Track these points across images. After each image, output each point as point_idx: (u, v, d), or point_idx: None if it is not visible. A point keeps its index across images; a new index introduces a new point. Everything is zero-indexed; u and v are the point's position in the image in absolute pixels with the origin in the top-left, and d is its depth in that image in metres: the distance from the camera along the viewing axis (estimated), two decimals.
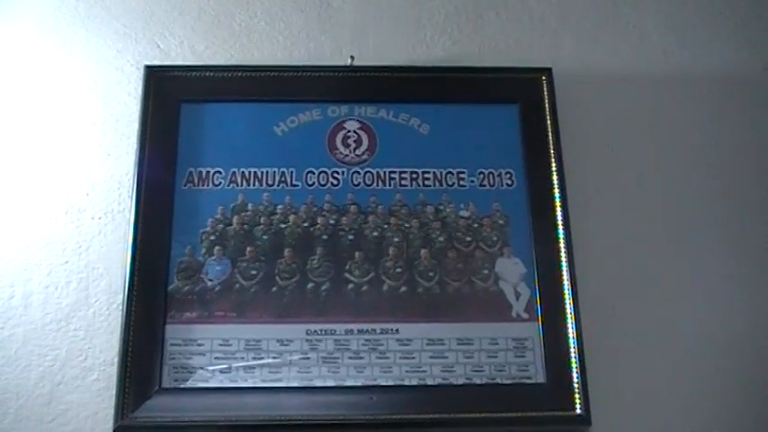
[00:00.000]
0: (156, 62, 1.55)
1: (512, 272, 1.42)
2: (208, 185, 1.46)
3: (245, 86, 1.52)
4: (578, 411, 1.33)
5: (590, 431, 1.34)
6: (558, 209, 1.45)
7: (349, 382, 1.34)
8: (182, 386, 1.33)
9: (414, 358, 1.36)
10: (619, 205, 1.50)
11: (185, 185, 1.45)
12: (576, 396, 1.34)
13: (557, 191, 1.46)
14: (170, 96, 1.49)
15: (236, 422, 1.30)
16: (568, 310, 1.38)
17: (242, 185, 1.46)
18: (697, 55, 1.64)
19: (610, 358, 1.39)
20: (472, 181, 1.48)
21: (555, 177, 1.47)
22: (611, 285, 1.44)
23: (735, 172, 1.55)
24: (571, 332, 1.37)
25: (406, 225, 1.45)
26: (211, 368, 1.34)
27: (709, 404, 1.39)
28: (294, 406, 1.32)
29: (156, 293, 1.37)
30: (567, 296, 1.39)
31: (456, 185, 1.48)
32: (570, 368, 1.35)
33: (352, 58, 1.57)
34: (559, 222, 1.44)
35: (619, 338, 1.41)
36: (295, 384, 1.34)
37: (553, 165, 1.48)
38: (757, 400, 1.40)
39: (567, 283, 1.40)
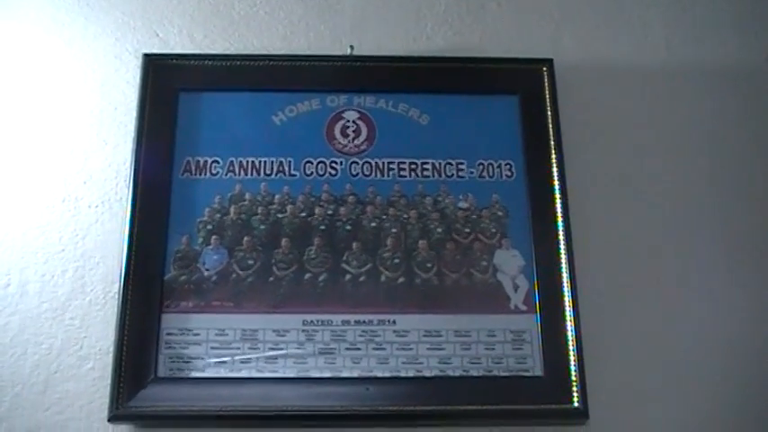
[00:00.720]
0: (155, 51, 1.54)
1: (510, 264, 1.41)
2: (205, 175, 1.45)
3: (243, 76, 1.52)
4: (576, 405, 1.32)
5: (587, 425, 1.33)
6: (558, 201, 1.44)
7: (345, 374, 1.34)
8: (177, 376, 1.33)
9: (411, 350, 1.35)
10: (619, 198, 1.49)
11: (183, 174, 1.44)
12: (574, 389, 1.33)
13: (556, 183, 1.45)
14: (168, 85, 1.49)
15: (232, 412, 1.30)
16: (567, 303, 1.38)
17: (240, 175, 1.45)
18: (699, 46, 1.62)
19: (608, 352, 1.38)
20: (471, 172, 1.47)
21: (555, 169, 1.46)
22: (610, 278, 1.43)
23: (737, 164, 1.54)
24: (569, 325, 1.36)
25: (405, 216, 1.44)
26: (207, 358, 1.33)
27: (707, 399, 1.38)
28: (290, 397, 1.31)
29: (152, 283, 1.37)
30: (565, 288, 1.39)
31: (455, 176, 1.47)
32: (568, 361, 1.34)
33: (351, 47, 1.56)
34: (559, 214, 1.43)
35: (617, 332, 1.40)
36: (291, 375, 1.33)
37: (553, 156, 1.47)
38: (755, 397, 1.39)
39: (565, 275, 1.39)
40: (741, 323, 1.43)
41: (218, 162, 1.46)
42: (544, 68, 1.53)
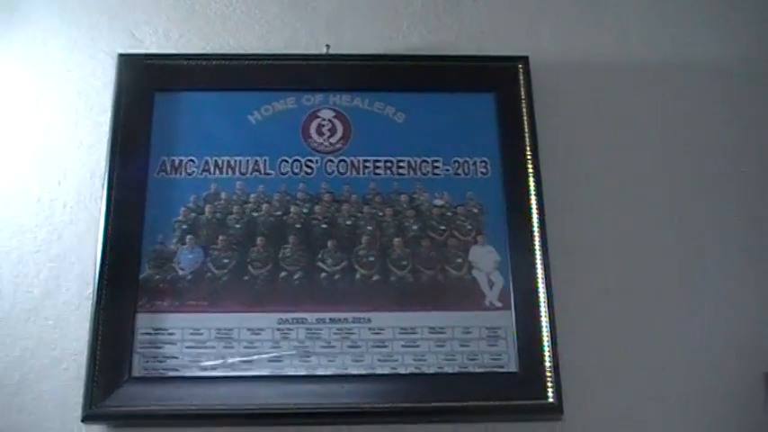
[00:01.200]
0: (131, 50, 1.53)
1: (485, 260, 1.42)
2: (181, 174, 1.45)
3: (219, 75, 1.52)
4: (550, 400, 1.32)
5: (562, 420, 1.33)
6: (533, 198, 1.44)
7: (320, 372, 1.34)
8: (152, 375, 1.32)
9: (386, 347, 1.36)
10: (594, 194, 1.50)
11: (158, 174, 1.44)
12: (549, 385, 1.33)
13: (532, 180, 1.45)
14: (144, 85, 1.49)
15: (207, 411, 1.30)
16: (542, 299, 1.38)
17: (215, 174, 1.45)
18: (676, 44, 1.63)
19: (583, 347, 1.38)
20: (447, 170, 1.47)
21: (530, 166, 1.46)
22: (585, 275, 1.44)
23: (712, 161, 1.54)
24: (544, 321, 1.36)
25: (380, 214, 1.44)
26: (182, 358, 1.33)
27: (681, 395, 1.38)
28: (265, 395, 1.31)
29: (127, 282, 1.37)
30: (540, 285, 1.39)
31: (431, 174, 1.47)
32: (543, 357, 1.35)
33: (327, 46, 1.56)
34: (534, 211, 1.43)
35: (592, 327, 1.40)
36: (266, 373, 1.33)
37: (528, 154, 1.47)
38: (728, 393, 1.39)
39: (540, 271, 1.39)
40: (717, 320, 1.43)
41: (193, 161, 1.46)
42: (520, 66, 1.53)
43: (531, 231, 1.42)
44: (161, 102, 1.48)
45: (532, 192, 1.45)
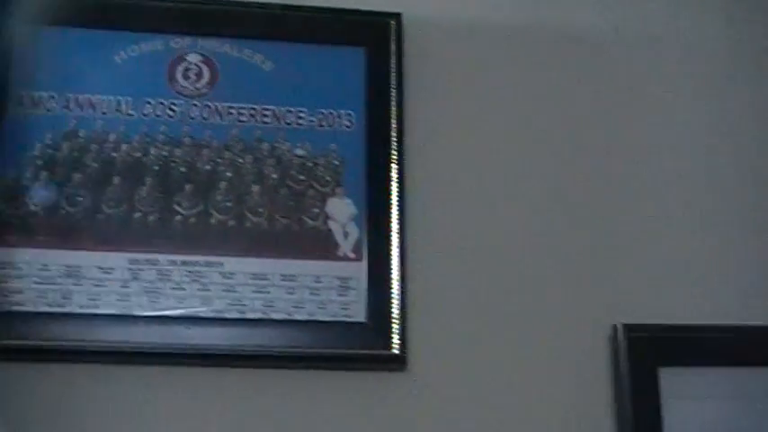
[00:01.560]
0: None
1: (342, 212, 1.44)
2: (40, 110, 1.42)
3: (86, 12, 1.48)
4: (395, 351, 1.36)
5: (406, 371, 1.37)
6: (393, 154, 1.46)
7: (168, 313, 1.34)
8: None
9: (236, 292, 1.37)
10: (456, 155, 1.52)
11: (15, 109, 1.41)
12: (394, 336, 1.36)
13: (394, 136, 1.47)
14: (3, 17, 1.45)
15: (50, 347, 1.30)
16: (394, 253, 1.41)
17: (75, 111, 1.43)
18: (551, 12, 1.65)
19: (433, 303, 1.42)
20: (311, 121, 1.48)
21: (394, 123, 1.48)
22: (440, 232, 1.46)
23: (582, 131, 1.58)
24: (395, 274, 1.39)
25: (240, 160, 1.44)
26: (29, 293, 1.32)
27: (527, 350, 1.43)
28: (110, 333, 1.31)
29: None
30: (394, 239, 1.41)
31: (294, 124, 1.48)
32: (391, 309, 1.38)
33: None
34: (393, 167, 1.45)
35: (445, 285, 1.44)
36: (113, 312, 1.33)
37: (393, 110, 1.49)
38: (574, 345, 1.44)
39: (395, 225, 1.42)
40: (564, 275, 1.48)
41: (53, 98, 1.43)
42: (392, 22, 1.54)
43: (389, 186, 1.44)
44: (22, 36, 1.45)
45: (393, 148, 1.47)
